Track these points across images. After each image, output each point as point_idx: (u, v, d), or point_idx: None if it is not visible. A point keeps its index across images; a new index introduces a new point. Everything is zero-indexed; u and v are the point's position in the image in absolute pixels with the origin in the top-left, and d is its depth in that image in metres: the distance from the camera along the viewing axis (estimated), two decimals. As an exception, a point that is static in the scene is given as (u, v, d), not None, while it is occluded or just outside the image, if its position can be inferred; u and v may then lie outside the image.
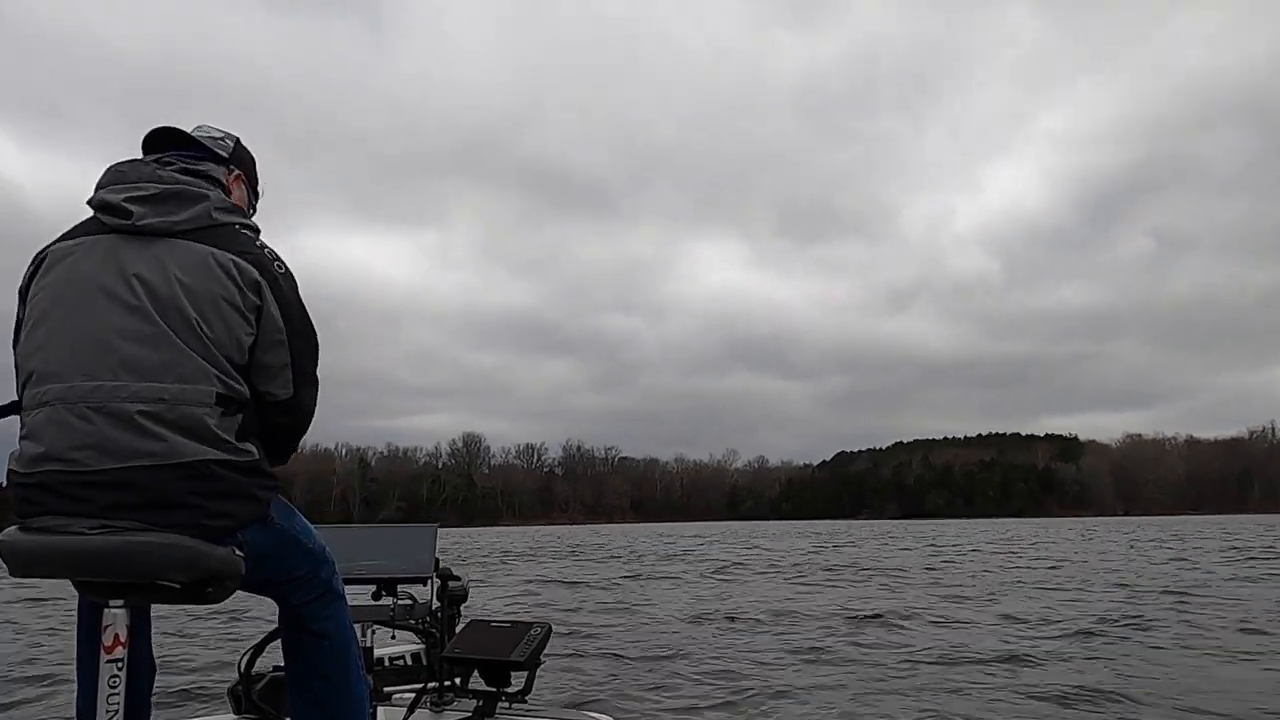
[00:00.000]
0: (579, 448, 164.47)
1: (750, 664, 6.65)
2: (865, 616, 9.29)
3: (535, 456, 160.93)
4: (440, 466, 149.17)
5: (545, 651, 2.67)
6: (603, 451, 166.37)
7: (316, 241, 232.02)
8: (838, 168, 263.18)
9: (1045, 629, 8.30)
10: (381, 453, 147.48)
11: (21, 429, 1.90)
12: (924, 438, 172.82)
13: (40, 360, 1.89)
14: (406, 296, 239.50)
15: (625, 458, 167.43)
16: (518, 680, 2.68)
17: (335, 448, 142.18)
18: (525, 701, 2.67)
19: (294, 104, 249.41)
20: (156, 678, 2.20)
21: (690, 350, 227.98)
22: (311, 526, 2.17)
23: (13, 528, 1.87)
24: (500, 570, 19.29)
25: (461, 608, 2.94)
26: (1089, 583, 13.35)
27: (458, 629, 2.82)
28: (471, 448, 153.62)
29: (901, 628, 8.53)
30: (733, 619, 9.36)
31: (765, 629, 8.64)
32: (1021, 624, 8.69)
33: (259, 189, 2.32)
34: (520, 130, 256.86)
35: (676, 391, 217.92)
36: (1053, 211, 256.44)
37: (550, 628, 2.72)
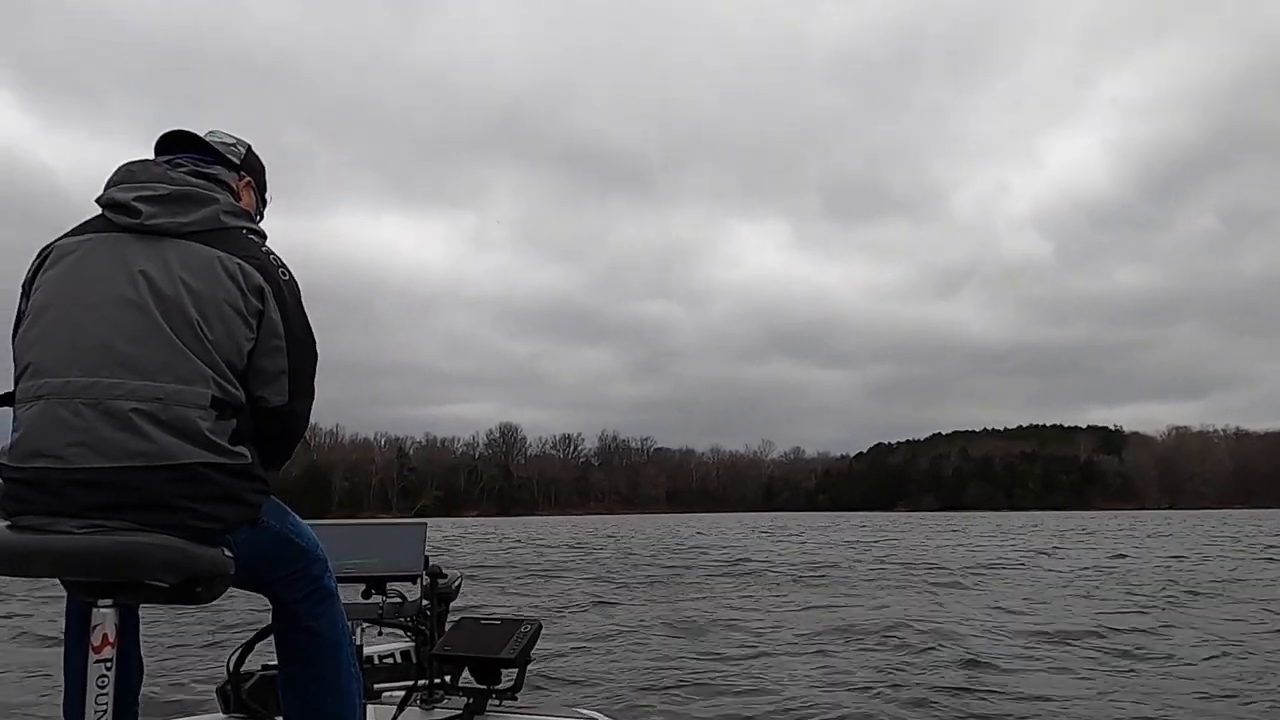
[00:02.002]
0: (615, 438, 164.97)
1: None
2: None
3: (571, 447, 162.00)
4: (477, 457, 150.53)
5: (535, 649, 2.68)
6: (638, 442, 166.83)
7: (349, 224, 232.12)
8: (884, 142, 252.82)
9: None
10: (420, 443, 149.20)
11: (14, 423, 1.90)
12: (963, 429, 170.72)
13: (38, 353, 1.89)
14: (442, 280, 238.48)
15: (661, 448, 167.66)
16: (508, 678, 2.68)
17: (374, 438, 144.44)
18: (515, 699, 2.68)
19: (322, 82, 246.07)
20: (144, 677, 2.22)
21: (729, 337, 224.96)
22: (305, 525, 2.18)
23: (0, 525, 1.87)
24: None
25: (451, 605, 2.95)
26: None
27: (447, 627, 2.83)
28: (508, 438, 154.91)
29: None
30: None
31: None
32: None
33: (267, 196, 2.34)
34: (554, 107, 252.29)
35: (714, 380, 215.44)
36: (1113, 188, 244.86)
37: (540, 625, 2.73)
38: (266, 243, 2.10)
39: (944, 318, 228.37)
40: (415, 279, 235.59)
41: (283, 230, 2.19)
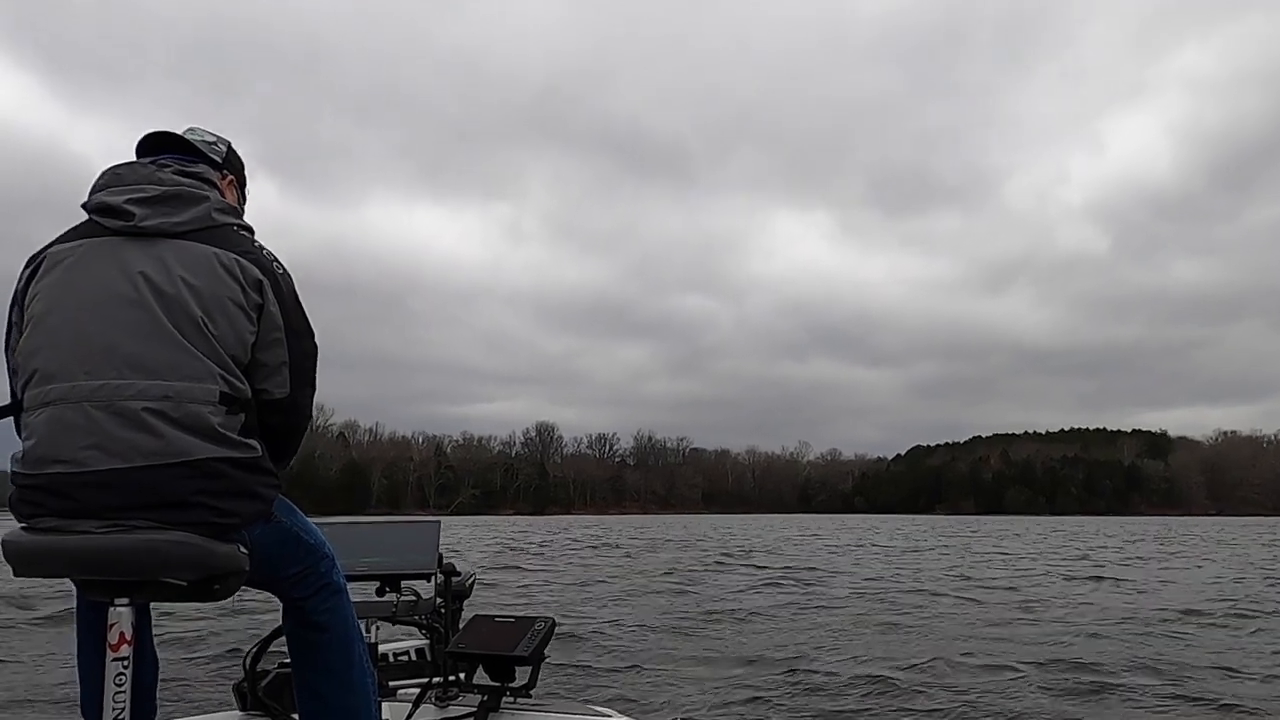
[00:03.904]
0: (650, 439, 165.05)
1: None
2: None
3: (607, 447, 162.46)
4: (514, 455, 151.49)
5: (549, 646, 2.68)
6: (674, 442, 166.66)
7: (384, 215, 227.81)
8: (933, 126, 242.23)
9: None
10: (457, 441, 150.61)
11: (23, 430, 1.91)
12: (1003, 432, 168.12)
13: (42, 360, 1.89)
14: (477, 274, 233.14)
15: (696, 449, 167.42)
16: (522, 675, 2.69)
17: (412, 435, 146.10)
18: (530, 696, 2.68)
19: (352, 67, 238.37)
20: (160, 674, 2.24)
21: (768, 334, 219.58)
22: (311, 523, 2.21)
23: (16, 528, 1.90)
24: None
25: (465, 603, 2.96)
26: None
27: (461, 624, 2.84)
28: (544, 437, 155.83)
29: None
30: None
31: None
32: None
33: (247, 193, 2.35)
34: (590, 92, 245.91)
35: (752, 379, 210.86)
36: (1176, 175, 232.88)
37: (554, 622, 2.74)
38: (255, 237, 2.11)
39: (992, 314, 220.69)
40: (450, 273, 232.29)
41: (318, 222, 2.16)
